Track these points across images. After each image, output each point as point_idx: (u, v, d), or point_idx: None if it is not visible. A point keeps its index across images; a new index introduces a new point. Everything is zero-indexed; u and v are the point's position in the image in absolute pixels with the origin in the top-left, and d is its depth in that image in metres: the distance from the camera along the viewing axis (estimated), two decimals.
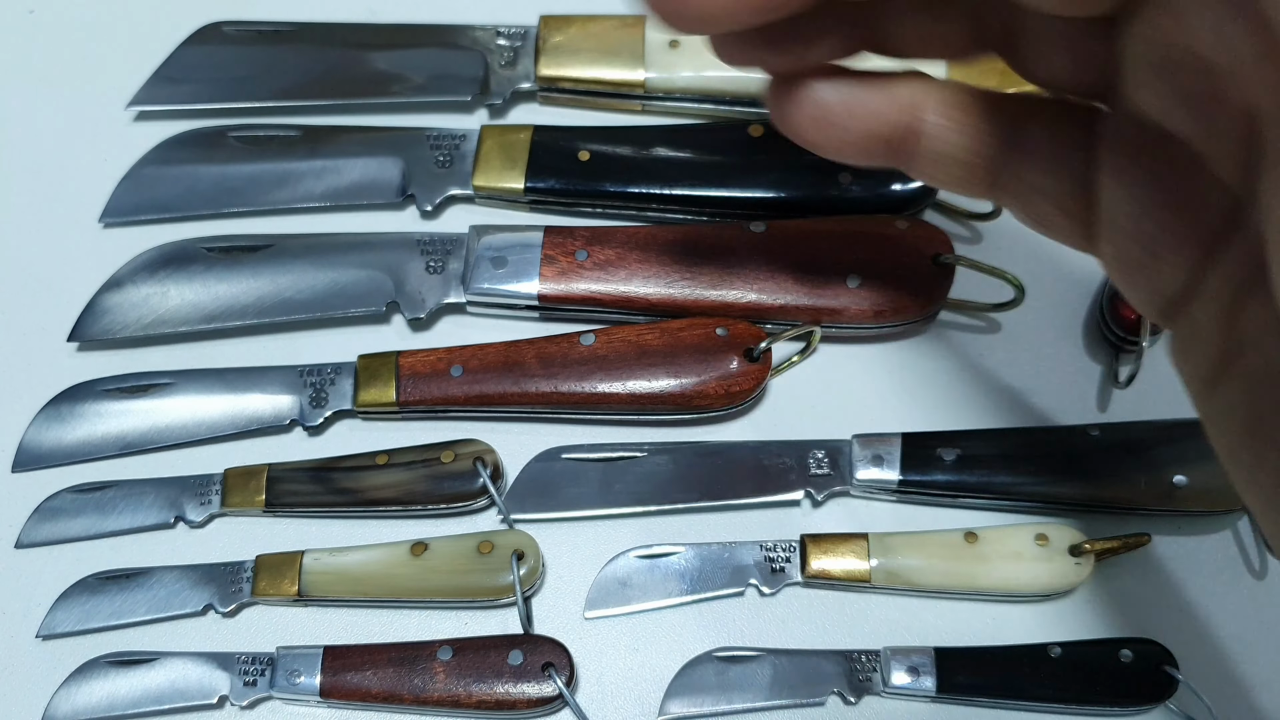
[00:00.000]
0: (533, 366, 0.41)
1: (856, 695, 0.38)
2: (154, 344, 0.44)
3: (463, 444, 0.41)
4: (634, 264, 0.43)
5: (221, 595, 0.39)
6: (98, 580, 0.40)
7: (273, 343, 0.44)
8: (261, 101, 0.47)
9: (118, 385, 0.43)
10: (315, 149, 0.46)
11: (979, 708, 0.38)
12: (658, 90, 0.47)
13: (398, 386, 0.41)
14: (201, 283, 0.44)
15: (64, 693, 0.38)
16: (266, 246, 0.44)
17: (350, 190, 0.46)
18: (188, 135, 0.47)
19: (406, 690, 0.37)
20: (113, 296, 0.44)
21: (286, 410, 0.42)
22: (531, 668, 0.37)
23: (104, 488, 0.41)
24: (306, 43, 0.48)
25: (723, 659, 0.38)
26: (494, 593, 0.39)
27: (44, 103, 0.50)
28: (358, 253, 0.44)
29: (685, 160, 0.45)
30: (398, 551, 0.39)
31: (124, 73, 0.49)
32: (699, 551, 0.40)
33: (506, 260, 0.43)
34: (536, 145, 0.45)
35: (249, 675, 0.38)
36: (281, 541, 0.41)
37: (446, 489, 0.40)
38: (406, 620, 0.40)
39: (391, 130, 0.47)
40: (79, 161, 0.48)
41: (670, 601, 0.39)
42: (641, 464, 0.41)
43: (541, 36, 0.48)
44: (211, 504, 0.41)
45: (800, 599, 0.40)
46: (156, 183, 0.46)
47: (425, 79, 0.47)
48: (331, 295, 0.43)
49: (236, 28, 0.49)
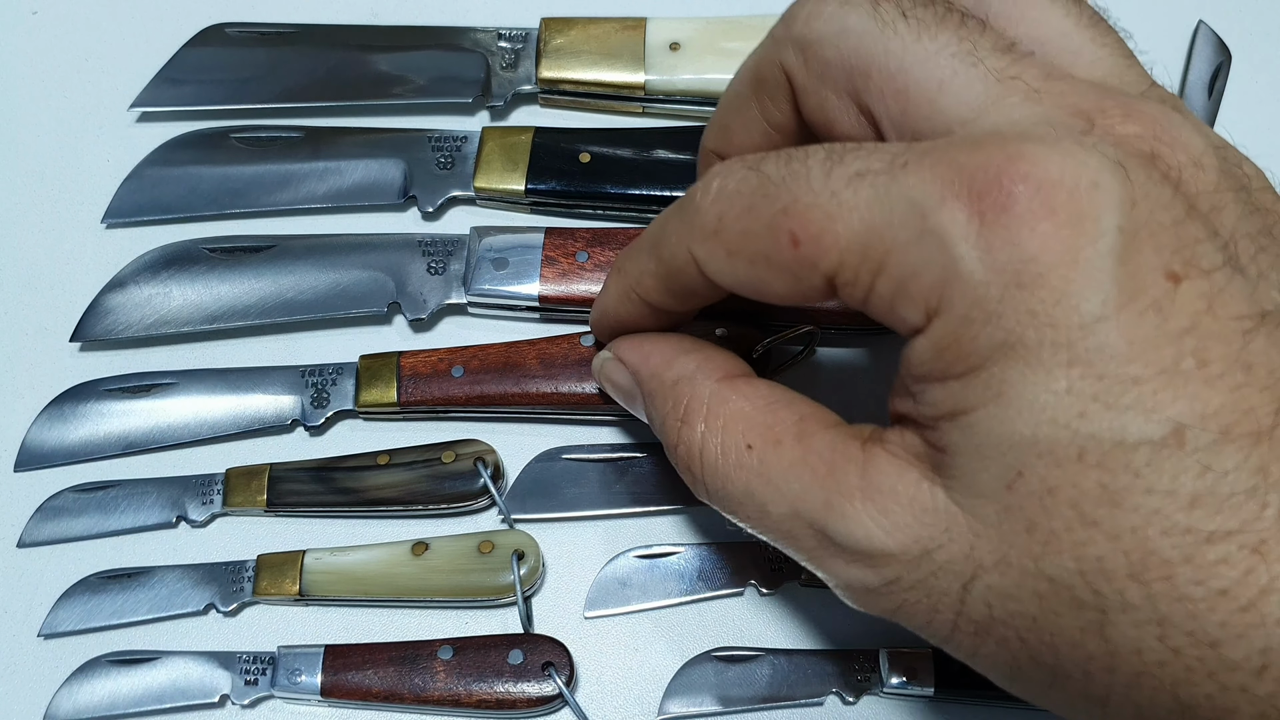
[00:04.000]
0: (533, 367, 0.41)
1: (855, 695, 0.38)
2: (156, 344, 0.44)
3: (463, 444, 0.41)
4: None
5: (223, 594, 0.39)
6: (99, 579, 0.40)
7: (274, 343, 0.44)
8: (264, 103, 0.47)
9: (120, 385, 0.43)
10: (317, 150, 0.46)
11: (977, 708, 0.38)
12: (658, 92, 0.47)
13: (399, 387, 0.42)
14: (204, 283, 0.44)
15: (65, 691, 0.38)
16: (269, 247, 0.44)
17: (352, 191, 0.46)
18: (190, 136, 0.47)
19: (407, 689, 0.37)
20: (115, 297, 0.44)
21: (288, 410, 0.42)
22: (531, 667, 0.38)
23: (106, 487, 0.41)
24: (309, 44, 0.48)
25: (722, 659, 0.38)
26: (494, 592, 0.39)
27: (47, 104, 0.50)
28: (359, 254, 0.44)
29: (686, 162, 0.45)
30: (399, 551, 0.39)
31: (127, 74, 0.49)
32: (699, 551, 0.40)
33: (507, 261, 0.43)
34: (537, 147, 0.46)
35: (250, 674, 0.38)
36: (283, 541, 0.41)
37: (447, 489, 0.40)
38: (407, 620, 0.40)
39: (393, 132, 0.47)
40: (82, 162, 0.48)
41: (670, 601, 0.40)
42: (641, 464, 0.41)
43: (542, 39, 0.48)
44: (213, 503, 0.41)
45: (800, 599, 0.40)
46: (159, 184, 0.46)
47: (427, 81, 0.47)
48: (333, 296, 0.43)
49: (239, 29, 0.49)
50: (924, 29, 0.27)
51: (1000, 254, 0.22)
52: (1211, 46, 0.48)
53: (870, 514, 0.26)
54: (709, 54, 0.47)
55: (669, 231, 0.30)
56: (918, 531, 0.25)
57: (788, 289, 0.27)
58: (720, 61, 0.46)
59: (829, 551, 0.27)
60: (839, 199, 0.25)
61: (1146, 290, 0.22)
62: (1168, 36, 0.49)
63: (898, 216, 0.24)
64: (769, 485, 0.28)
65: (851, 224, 0.24)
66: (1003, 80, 0.25)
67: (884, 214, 0.24)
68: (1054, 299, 0.22)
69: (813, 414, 0.29)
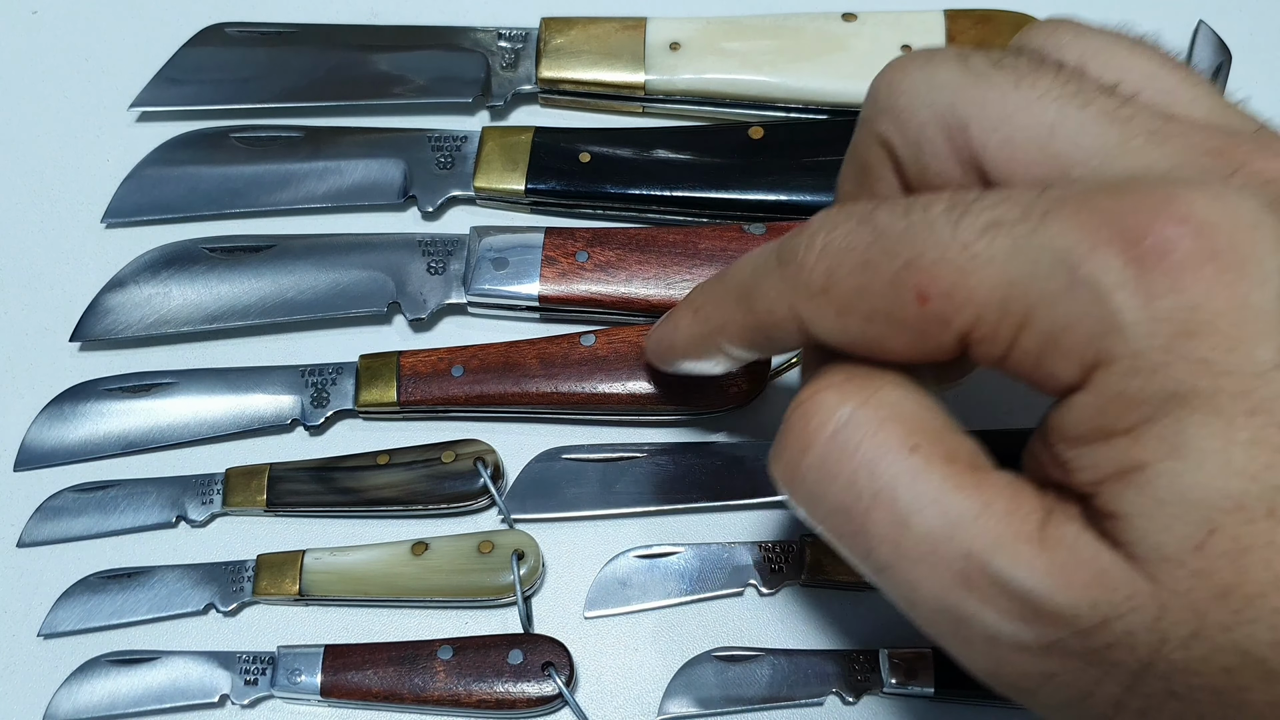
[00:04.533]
0: (533, 367, 0.41)
1: (855, 695, 0.38)
2: (156, 344, 0.44)
3: (463, 444, 0.41)
4: (634, 265, 0.43)
5: (223, 594, 0.39)
6: (99, 579, 0.40)
7: (274, 343, 0.44)
8: (264, 103, 0.47)
9: (120, 385, 0.43)
10: (317, 150, 0.46)
11: (977, 708, 0.38)
12: (658, 92, 0.47)
13: (399, 386, 0.42)
14: (204, 283, 0.44)
15: (65, 691, 0.38)
16: (268, 247, 0.44)
17: (352, 191, 0.46)
18: (190, 136, 0.47)
19: (407, 689, 0.37)
20: (115, 296, 0.44)
21: (288, 410, 0.42)
22: (531, 667, 0.38)
23: (106, 487, 0.41)
24: (309, 44, 0.48)
25: (722, 659, 0.38)
26: (494, 592, 0.39)
27: (47, 103, 0.50)
28: (359, 253, 0.44)
29: (685, 162, 0.45)
30: (398, 551, 0.39)
31: (127, 73, 0.49)
32: (699, 551, 0.40)
33: (507, 261, 0.43)
34: (537, 147, 0.46)
35: (250, 674, 0.38)
36: (283, 541, 0.41)
37: (447, 489, 0.40)
38: (407, 620, 0.40)
39: (393, 132, 0.47)
40: (81, 162, 0.48)
41: (670, 601, 0.40)
42: (641, 464, 0.41)
43: (542, 38, 0.48)
44: (213, 503, 0.41)
45: (800, 599, 0.40)
46: (159, 183, 0.46)
47: (427, 81, 0.47)
48: (333, 296, 0.43)
49: (239, 29, 0.49)
50: (1021, 76, 0.25)
51: (1163, 302, 0.21)
52: (1211, 46, 0.48)
53: (1047, 565, 0.23)
54: (709, 54, 0.47)
55: (765, 286, 0.28)
56: (1097, 596, 0.23)
57: (910, 347, 0.25)
58: (720, 61, 0.46)
59: (980, 594, 0.24)
60: (971, 251, 0.23)
61: None
62: (1168, 36, 0.49)
63: (1042, 268, 0.22)
64: (921, 496, 0.25)
65: (989, 278, 0.23)
66: (1119, 121, 0.24)
67: (1026, 266, 0.23)
68: (1226, 346, 0.21)
69: (981, 448, 0.26)
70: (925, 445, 0.25)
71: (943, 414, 0.27)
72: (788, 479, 0.27)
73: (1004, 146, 0.26)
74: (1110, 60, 0.27)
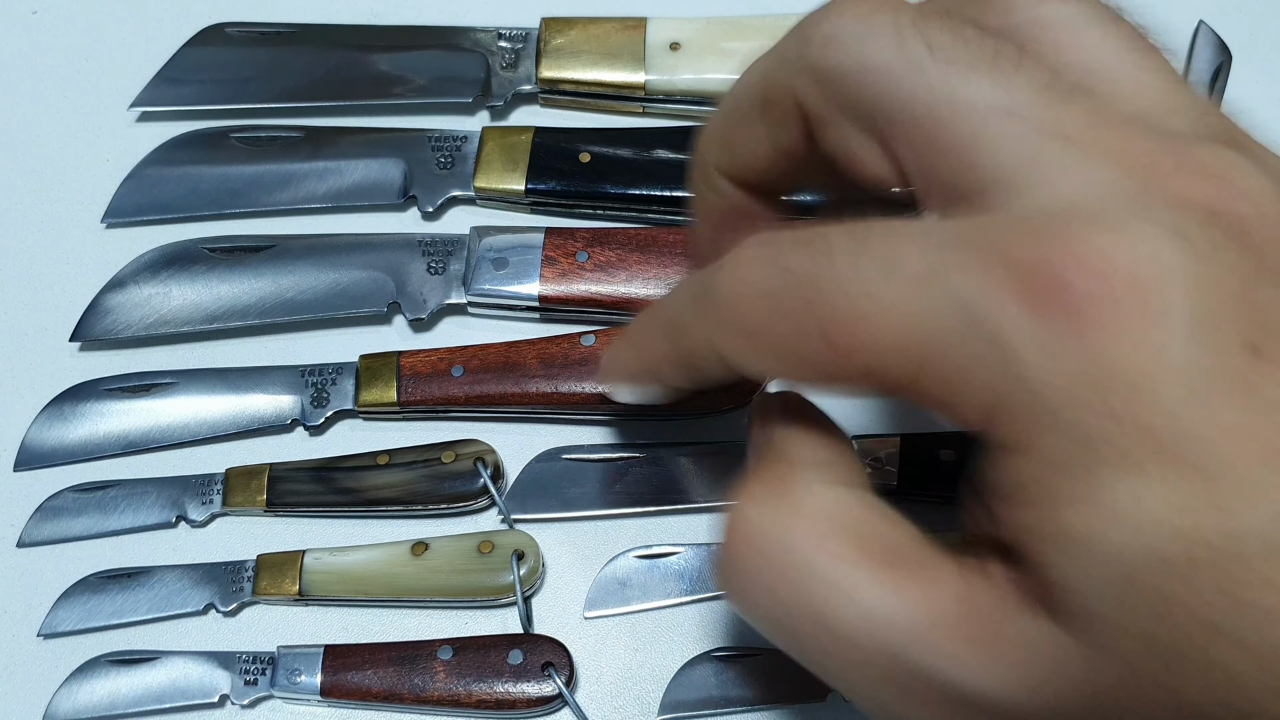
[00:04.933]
0: (533, 367, 0.41)
1: None
2: (156, 344, 0.44)
3: (463, 444, 0.41)
4: (634, 265, 0.43)
5: (222, 594, 0.39)
6: (99, 579, 0.40)
7: (274, 343, 0.44)
8: (264, 103, 0.47)
9: (119, 385, 0.43)
10: (317, 150, 0.46)
11: None
12: (658, 92, 0.47)
13: (399, 386, 0.42)
14: (203, 283, 0.44)
15: (65, 691, 0.38)
16: (268, 247, 0.44)
17: (352, 191, 0.46)
18: (190, 136, 0.47)
19: (407, 689, 0.37)
20: (115, 296, 0.44)
21: (288, 410, 0.42)
22: (531, 667, 0.38)
23: (105, 487, 0.41)
24: (309, 44, 0.48)
25: (722, 658, 0.38)
26: (494, 593, 0.39)
27: (46, 103, 0.50)
28: (359, 254, 0.44)
29: (686, 162, 0.45)
30: (398, 551, 0.39)
31: (126, 73, 0.49)
32: (699, 551, 0.40)
33: (507, 261, 0.43)
34: (537, 147, 0.46)
35: (250, 674, 0.38)
36: (282, 541, 0.41)
37: (447, 489, 0.40)
38: (407, 620, 0.40)
39: (393, 132, 0.47)
40: (81, 162, 0.48)
41: (670, 601, 0.40)
42: (641, 464, 0.41)
43: (543, 39, 0.48)
44: (213, 503, 0.41)
45: None
46: (159, 183, 0.46)
47: (427, 81, 0.47)
48: (333, 296, 0.43)
49: (239, 29, 0.49)
50: (953, 71, 0.24)
51: (1066, 354, 0.21)
52: (1211, 46, 0.48)
53: (971, 654, 0.23)
54: (709, 54, 0.47)
55: (687, 322, 0.28)
56: (1030, 675, 0.22)
57: (823, 380, 0.25)
58: (721, 61, 0.46)
59: (910, 693, 0.24)
60: (868, 292, 0.23)
61: (1229, 367, 0.20)
62: (1168, 36, 0.49)
63: (940, 313, 0.22)
64: (838, 599, 0.24)
65: (887, 321, 0.23)
66: (1042, 134, 0.23)
67: (925, 310, 0.22)
68: (1131, 394, 0.20)
69: (915, 531, 0.25)
70: (845, 546, 0.25)
71: (872, 504, 0.26)
72: (723, 588, 0.28)
73: (925, 149, 0.25)
74: (1059, 39, 0.26)
